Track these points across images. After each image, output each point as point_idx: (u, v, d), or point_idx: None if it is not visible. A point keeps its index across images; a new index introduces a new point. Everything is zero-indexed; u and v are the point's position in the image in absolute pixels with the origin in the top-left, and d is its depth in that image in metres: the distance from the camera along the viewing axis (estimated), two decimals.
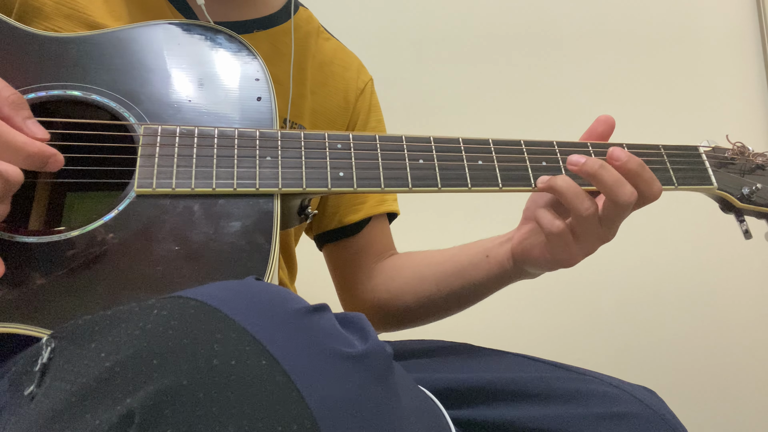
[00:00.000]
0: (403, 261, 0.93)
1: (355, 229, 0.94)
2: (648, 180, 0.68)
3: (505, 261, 0.77)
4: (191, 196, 0.61)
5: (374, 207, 0.94)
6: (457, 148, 0.70)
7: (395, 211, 0.98)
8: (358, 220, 0.93)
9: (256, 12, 0.85)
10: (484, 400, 0.63)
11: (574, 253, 0.70)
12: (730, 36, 1.71)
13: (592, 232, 0.68)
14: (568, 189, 0.67)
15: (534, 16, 1.65)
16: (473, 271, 0.80)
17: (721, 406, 1.59)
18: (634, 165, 0.67)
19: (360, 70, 0.97)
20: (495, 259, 0.78)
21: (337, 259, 0.97)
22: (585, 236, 0.68)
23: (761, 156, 0.80)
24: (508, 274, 0.78)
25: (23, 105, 0.55)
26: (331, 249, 0.97)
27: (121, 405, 0.37)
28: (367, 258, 0.94)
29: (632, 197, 0.66)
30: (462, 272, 0.82)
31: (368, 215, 0.94)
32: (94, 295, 0.55)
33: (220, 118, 0.67)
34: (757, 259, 1.62)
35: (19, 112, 0.55)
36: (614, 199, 0.66)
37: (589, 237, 0.68)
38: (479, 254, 0.80)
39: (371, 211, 0.94)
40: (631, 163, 0.67)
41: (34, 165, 0.54)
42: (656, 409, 0.63)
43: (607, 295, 1.57)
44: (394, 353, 0.46)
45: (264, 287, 0.45)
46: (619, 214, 0.67)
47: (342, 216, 0.93)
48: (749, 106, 1.68)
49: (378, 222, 0.96)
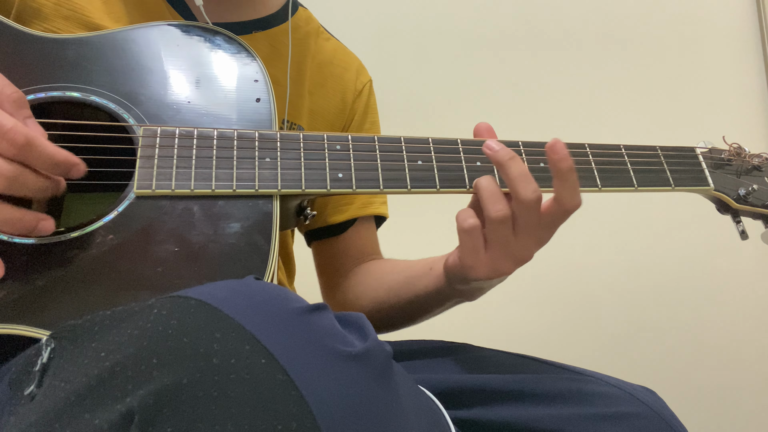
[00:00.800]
0: (373, 267, 0.92)
1: (339, 229, 0.93)
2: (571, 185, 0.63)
3: (441, 276, 0.74)
4: (191, 197, 0.61)
5: (360, 209, 0.94)
6: (456, 149, 0.70)
7: (383, 214, 0.97)
8: (343, 220, 0.93)
9: (255, 13, 0.86)
10: (484, 400, 0.63)
11: (481, 261, 0.64)
12: (730, 36, 1.71)
13: (502, 241, 0.63)
14: (485, 188, 0.64)
15: (534, 17, 1.65)
16: (417, 282, 0.78)
17: (721, 406, 1.59)
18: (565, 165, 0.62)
19: (359, 71, 0.97)
20: (435, 272, 0.75)
21: (321, 257, 0.98)
22: (494, 244, 0.64)
23: (757, 157, 0.80)
24: (442, 290, 0.74)
25: (24, 104, 0.56)
26: (317, 247, 0.98)
27: (121, 404, 0.37)
28: (346, 259, 0.94)
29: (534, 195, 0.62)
30: (409, 282, 0.80)
31: (353, 216, 0.93)
32: (94, 296, 0.56)
33: (220, 119, 0.67)
34: (753, 259, 1.63)
35: (20, 111, 0.55)
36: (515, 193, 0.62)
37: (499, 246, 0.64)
38: (426, 266, 0.78)
39: (356, 212, 0.94)
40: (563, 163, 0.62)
41: (59, 172, 0.55)
42: (656, 409, 0.63)
43: (606, 295, 1.58)
44: (394, 353, 0.46)
45: (263, 286, 0.45)
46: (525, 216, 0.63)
47: (327, 215, 0.93)
48: (749, 106, 1.68)
49: (363, 224, 0.95)
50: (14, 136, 0.51)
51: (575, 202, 0.64)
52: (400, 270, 0.85)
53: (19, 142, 0.51)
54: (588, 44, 1.66)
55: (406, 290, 0.80)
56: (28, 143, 0.52)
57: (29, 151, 0.52)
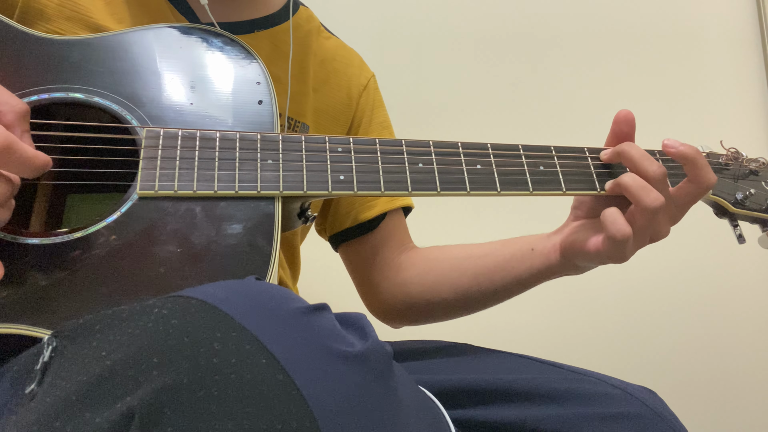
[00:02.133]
0: (439, 253, 0.92)
1: (371, 225, 0.93)
2: (703, 164, 0.70)
3: (551, 253, 0.76)
4: (193, 199, 0.62)
5: (389, 202, 0.94)
6: (456, 152, 0.70)
7: (409, 205, 0.98)
8: (374, 216, 0.93)
9: (257, 12, 0.86)
10: (484, 401, 0.63)
11: (630, 249, 0.69)
12: (730, 36, 1.71)
13: (650, 227, 0.69)
14: (632, 183, 0.68)
15: (533, 18, 1.65)
16: (516, 264, 0.80)
17: (721, 406, 1.59)
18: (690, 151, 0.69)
19: (362, 66, 0.98)
20: (541, 252, 0.77)
21: (356, 257, 0.97)
22: (643, 230, 0.68)
23: (755, 161, 0.80)
24: (553, 268, 0.77)
25: (27, 118, 0.57)
26: (348, 248, 0.97)
27: (121, 403, 0.37)
28: (389, 251, 0.94)
29: (660, 170, 0.68)
30: (504, 265, 0.81)
31: (383, 211, 0.93)
32: (96, 296, 0.56)
33: (222, 121, 0.67)
34: (751, 262, 1.63)
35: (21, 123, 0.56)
36: (645, 173, 0.68)
37: (644, 231, 0.69)
38: (524, 247, 0.80)
39: (386, 206, 0.94)
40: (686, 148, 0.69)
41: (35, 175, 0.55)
42: (657, 409, 0.63)
43: (607, 295, 1.57)
44: (394, 353, 0.46)
45: (264, 287, 0.46)
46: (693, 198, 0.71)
47: (357, 213, 0.93)
48: (749, 106, 1.68)
49: (394, 216, 0.96)
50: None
51: (711, 177, 0.70)
52: (483, 254, 0.85)
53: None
54: (587, 45, 1.66)
55: (503, 274, 0.81)
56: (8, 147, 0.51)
57: (8, 155, 0.52)
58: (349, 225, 0.94)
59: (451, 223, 1.47)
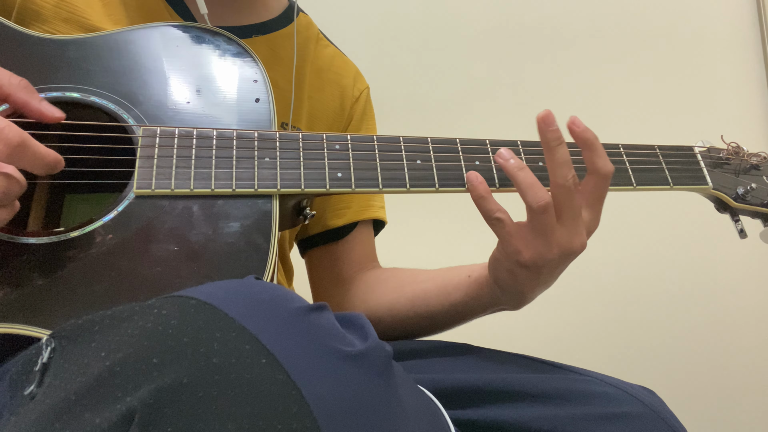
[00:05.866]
0: (386, 275, 0.90)
1: (339, 233, 0.91)
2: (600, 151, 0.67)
3: (483, 279, 0.74)
4: (190, 197, 0.61)
5: (359, 212, 0.92)
6: (455, 148, 0.70)
7: (382, 218, 0.95)
8: (343, 224, 0.91)
9: (256, 17, 0.86)
10: (483, 400, 0.63)
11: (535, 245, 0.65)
12: (730, 36, 1.71)
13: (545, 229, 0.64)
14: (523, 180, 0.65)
15: (533, 17, 1.65)
16: (452, 290, 0.77)
17: (721, 406, 1.59)
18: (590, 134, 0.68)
19: (357, 78, 0.97)
20: (476, 279, 0.75)
21: (318, 265, 0.95)
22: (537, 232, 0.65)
23: (755, 156, 0.81)
24: (484, 295, 0.74)
25: (33, 89, 0.58)
26: (313, 255, 0.95)
27: (121, 404, 0.37)
28: (348, 265, 0.92)
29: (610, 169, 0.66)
30: (441, 291, 0.79)
31: (353, 220, 0.91)
32: (93, 295, 0.56)
33: (219, 119, 0.67)
34: (753, 258, 1.63)
35: (33, 95, 0.57)
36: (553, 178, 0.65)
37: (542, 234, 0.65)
38: (462, 273, 0.77)
39: (356, 216, 0.92)
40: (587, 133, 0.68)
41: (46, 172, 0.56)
42: (656, 409, 0.63)
43: (606, 295, 1.58)
44: (394, 353, 0.46)
45: (264, 286, 0.46)
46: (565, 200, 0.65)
47: (326, 220, 0.91)
48: (749, 106, 1.68)
49: (363, 229, 0.93)
50: (8, 134, 0.51)
51: (609, 167, 0.67)
52: (425, 279, 0.82)
53: (14, 141, 0.51)
54: (587, 44, 1.66)
55: (439, 300, 0.78)
56: (22, 143, 0.52)
57: (23, 151, 0.52)
58: (317, 231, 0.92)
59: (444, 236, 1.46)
